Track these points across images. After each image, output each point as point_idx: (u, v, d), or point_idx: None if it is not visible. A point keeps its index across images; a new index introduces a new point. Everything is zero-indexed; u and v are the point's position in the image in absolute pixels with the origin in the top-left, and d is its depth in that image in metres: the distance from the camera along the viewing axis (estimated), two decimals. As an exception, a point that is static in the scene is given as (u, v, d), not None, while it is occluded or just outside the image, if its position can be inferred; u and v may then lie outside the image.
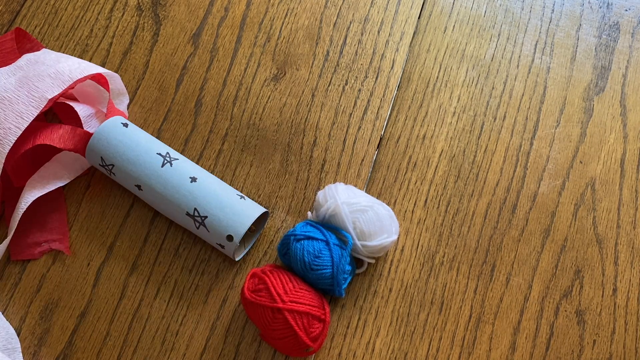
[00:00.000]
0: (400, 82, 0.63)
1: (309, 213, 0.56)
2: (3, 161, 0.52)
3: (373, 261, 0.54)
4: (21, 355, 0.52)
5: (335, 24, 0.65)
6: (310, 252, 0.50)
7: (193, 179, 0.53)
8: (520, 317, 0.55)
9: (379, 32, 0.65)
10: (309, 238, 0.51)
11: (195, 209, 0.52)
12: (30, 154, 0.56)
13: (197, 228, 0.53)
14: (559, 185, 0.59)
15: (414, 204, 0.58)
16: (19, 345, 0.52)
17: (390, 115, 0.62)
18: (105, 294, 0.54)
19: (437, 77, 0.63)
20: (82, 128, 0.56)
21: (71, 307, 0.54)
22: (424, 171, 0.59)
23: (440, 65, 0.64)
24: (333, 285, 0.51)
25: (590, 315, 0.55)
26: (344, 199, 0.52)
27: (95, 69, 0.56)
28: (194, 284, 0.55)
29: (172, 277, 0.55)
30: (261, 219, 0.56)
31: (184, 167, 0.54)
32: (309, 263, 0.50)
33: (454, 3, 0.66)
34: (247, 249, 0.56)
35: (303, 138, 0.60)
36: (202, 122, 0.61)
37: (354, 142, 0.60)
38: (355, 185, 0.58)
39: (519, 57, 0.64)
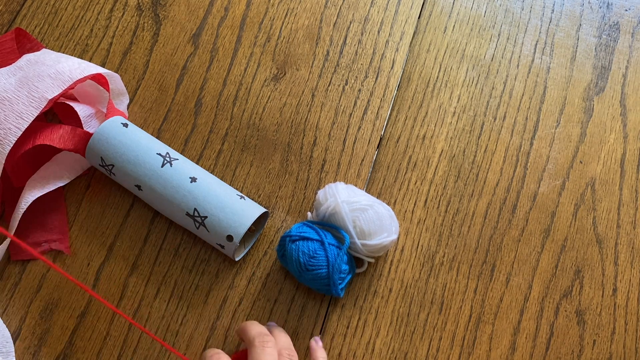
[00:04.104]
0: (400, 82, 0.63)
1: (309, 213, 0.56)
2: (3, 161, 0.52)
3: (373, 260, 0.54)
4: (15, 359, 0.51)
5: (335, 24, 0.65)
6: (305, 253, 0.50)
7: (193, 179, 0.53)
8: (520, 317, 0.55)
9: (379, 32, 0.65)
10: (303, 239, 0.51)
11: (195, 209, 0.52)
12: (30, 154, 0.56)
13: (197, 228, 0.53)
14: (559, 185, 0.59)
15: (414, 204, 0.58)
16: (13, 349, 0.52)
17: (390, 115, 0.62)
18: (105, 294, 0.54)
19: (437, 77, 0.63)
20: (82, 128, 0.56)
21: (71, 307, 0.54)
22: (424, 171, 0.59)
23: (440, 65, 0.64)
24: (329, 285, 0.51)
25: (590, 315, 0.55)
26: (344, 198, 0.52)
27: (95, 69, 0.56)
28: (194, 284, 0.55)
29: (172, 277, 0.55)
30: (261, 219, 0.56)
31: (184, 167, 0.54)
32: (304, 264, 0.50)
33: (454, 3, 0.66)
34: (247, 249, 0.56)
35: (303, 138, 0.60)
36: (202, 122, 0.61)
37: (354, 142, 0.60)
38: (355, 185, 0.58)
39: (519, 57, 0.64)
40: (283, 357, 0.46)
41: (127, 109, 0.61)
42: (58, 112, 0.60)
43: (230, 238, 0.51)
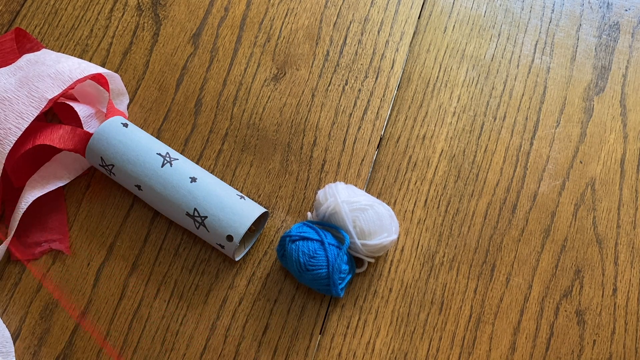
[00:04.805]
0: (400, 82, 0.63)
1: (309, 213, 0.56)
2: (3, 161, 0.52)
3: (373, 260, 0.54)
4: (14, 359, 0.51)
5: (335, 24, 0.65)
6: (305, 253, 0.50)
7: (193, 179, 0.53)
8: (520, 317, 0.55)
9: (379, 32, 0.65)
10: (304, 239, 0.51)
11: (195, 209, 0.52)
12: (30, 154, 0.56)
13: (197, 228, 0.53)
14: (559, 185, 0.59)
15: (414, 204, 0.58)
16: (13, 349, 0.52)
17: (390, 115, 0.62)
18: (105, 294, 0.54)
19: (437, 77, 0.63)
20: (82, 128, 0.56)
21: (71, 307, 0.54)
22: (424, 171, 0.59)
23: (440, 65, 0.64)
24: (329, 285, 0.51)
25: (590, 315, 0.55)
26: (344, 198, 0.52)
27: (95, 69, 0.56)
28: (194, 284, 0.55)
29: (172, 277, 0.55)
30: (261, 219, 0.56)
31: (184, 167, 0.54)
32: (304, 264, 0.50)
33: (454, 3, 0.66)
34: (247, 249, 0.56)
35: (303, 138, 0.60)
36: (202, 122, 0.61)
37: (354, 142, 0.60)
38: (356, 185, 0.58)
39: (519, 57, 0.64)
40: None
41: (127, 109, 0.61)
42: (58, 112, 0.60)
43: (230, 238, 0.51)
